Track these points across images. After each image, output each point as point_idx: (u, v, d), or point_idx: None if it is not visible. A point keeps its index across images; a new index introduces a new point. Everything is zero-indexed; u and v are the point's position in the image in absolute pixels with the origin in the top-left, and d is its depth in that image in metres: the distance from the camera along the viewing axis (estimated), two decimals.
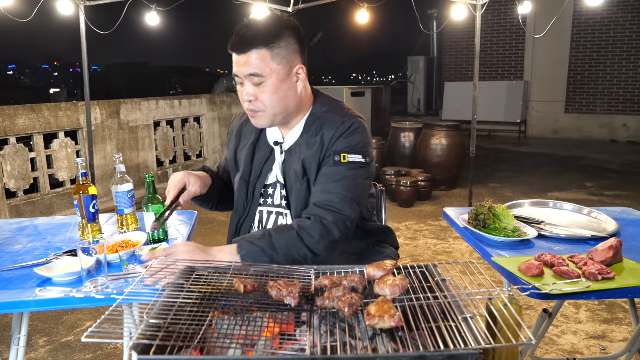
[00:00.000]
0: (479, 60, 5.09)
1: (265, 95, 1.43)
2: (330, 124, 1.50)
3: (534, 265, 1.30)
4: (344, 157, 1.45)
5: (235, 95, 7.81)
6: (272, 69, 1.41)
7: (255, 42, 1.39)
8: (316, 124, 1.53)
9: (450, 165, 5.94)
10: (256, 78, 1.41)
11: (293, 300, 1.06)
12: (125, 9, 4.83)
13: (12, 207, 4.56)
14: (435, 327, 0.96)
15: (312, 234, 1.37)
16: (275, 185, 1.58)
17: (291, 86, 1.46)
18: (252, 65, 1.40)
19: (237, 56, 1.42)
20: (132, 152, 5.96)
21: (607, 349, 2.56)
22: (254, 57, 1.39)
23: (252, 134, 1.63)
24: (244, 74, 1.42)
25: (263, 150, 1.60)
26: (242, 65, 1.41)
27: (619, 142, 9.91)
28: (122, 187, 1.72)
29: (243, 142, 1.66)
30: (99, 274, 1.25)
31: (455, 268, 1.25)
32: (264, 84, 1.42)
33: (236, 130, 1.70)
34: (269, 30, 1.41)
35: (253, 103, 1.45)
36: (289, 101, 1.48)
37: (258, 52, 1.39)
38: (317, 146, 1.49)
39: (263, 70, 1.40)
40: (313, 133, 1.52)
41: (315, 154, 1.49)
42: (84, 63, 4.75)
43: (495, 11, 10.65)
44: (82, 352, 2.61)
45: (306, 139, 1.53)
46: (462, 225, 1.74)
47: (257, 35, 1.40)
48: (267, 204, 1.59)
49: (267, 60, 1.40)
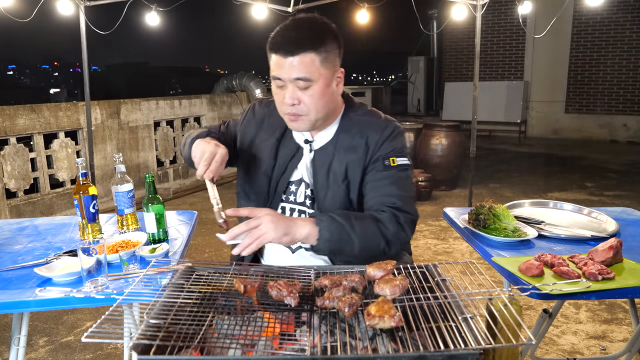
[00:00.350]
0: (479, 60, 5.09)
1: (310, 99, 1.38)
2: (374, 129, 1.49)
3: (534, 265, 1.30)
4: (393, 160, 1.47)
5: (235, 95, 7.82)
6: (320, 73, 1.36)
7: (304, 45, 1.34)
8: (355, 128, 1.50)
9: (450, 165, 5.94)
10: (303, 82, 1.35)
11: (293, 300, 1.06)
12: (125, 9, 4.83)
13: (12, 207, 4.56)
14: (435, 327, 0.96)
15: (389, 228, 1.37)
16: (299, 182, 1.55)
17: (333, 90, 1.43)
18: (300, 69, 1.34)
19: (282, 58, 1.35)
20: (132, 152, 5.96)
21: (607, 349, 2.56)
22: (302, 61, 1.34)
23: (277, 129, 1.56)
24: (290, 78, 1.36)
25: (288, 147, 1.55)
26: (288, 68, 1.35)
27: (619, 142, 9.91)
28: (122, 187, 1.72)
29: (263, 136, 1.58)
30: (99, 274, 1.25)
31: (455, 268, 1.25)
32: (310, 88, 1.37)
33: (258, 118, 1.62)
34: (316, 34, 1.37)
35: (296, 107, 1.39)
36: (331, 105, 1.45)
37: (307, 55, 1.34)
38: (362, 150, 1.48)
39: (312, 75, 1.35)
40: (353, 136, 1.49)
41: (360, 158, 1.47)
42: (84, 63, 4.75)
43: (495, 11, 10.65)
44: (82, 352, 2.61)
45: (344, 141, 1.50)
46: (462, 225, 1.74)
47: (306, 38, 1.35)
48: (289, 201, 1.56)
49: (316, 65, 1.35)
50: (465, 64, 11.48)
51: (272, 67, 1.40)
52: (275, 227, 1.24)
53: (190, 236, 1.77)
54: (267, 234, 1.23)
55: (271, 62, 1.40)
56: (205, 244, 4.14)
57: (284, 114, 1.44)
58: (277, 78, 1.38)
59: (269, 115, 1.60)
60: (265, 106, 1.63)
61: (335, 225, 1.30)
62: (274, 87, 1.43)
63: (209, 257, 3.87)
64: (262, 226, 1.24)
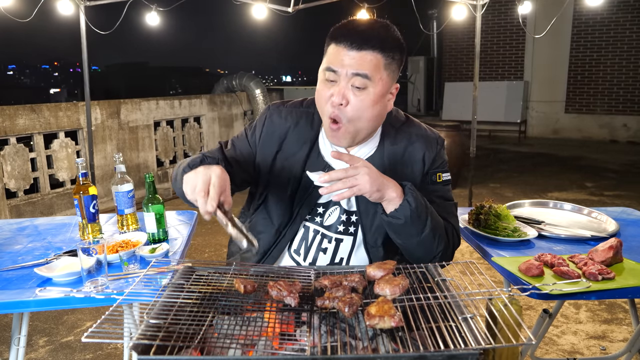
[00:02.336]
0: (479, 60, 5.09)
1: (361, 103, 1.25)
2: (427, 143, 1.43)
3: (534, 265, 1.30)
4: (439, 176, 1.44)
5: (235, 95, 7.81)
6: (381, 77, 1.26)
7: (373, 42, 1.24)
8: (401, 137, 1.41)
9: (450, 165, 5.80)
10: (361, 80, 1.24)
11: (293, 300, 1.05)
12: (125, 9, 4.83)
13: (12, 207, 4.56)
14: (435, 327, 0.96)
15: (450, 232, 1.35)
16: (328, 205, 1.43)
17: (385, 104, 1.32)
18: (362, 65, 1.23)
19: (345, 50, 1.24)
20: (132, 152, 5.96)
21: (607, 349, 2.56)
22: (366, 58, 1.23)
23: (305, 143, 1.41)
24: (348, 72, 1.24)
25: (315, 165, 1.40)
26: (349, 61, 1.23)
27: (619, 142, 9.91)
28: (122, 187, 1.72)
29: (289, 150, 1.42)
30: (99, 274, 1.25)
31: (455, 268, 1.25)
32: (364, 90, 1.25)
33: (281, 130, 1.43)
34: (387, 37, 1.27)
35: (342, 109, 1.26)
36: (379, 120, 1.34)
37: (373, 54, 1.24)
38: (418, 167, 1.41)
39: (372, 75, 1.24)
40: (404, 149, 1.40)
41: (417, 176, 1.41)
42: (84, 63, 4.75)
43: (495, 11, 10.65)
44: (82, 352, 2.61)
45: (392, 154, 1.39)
46: (462, 225, 1.74)
47: (376, 36, 1.25)
48: (314, 222, 1.44)
49: (379, 67, 1.25)
50: (465, 64, 11.48)
51: (328, 57, 1.28)
52: (372, 181, 1.18)
53: (190, 236, 1.77)
54: (362, 186, 1.17)
55: (328, 52, 1.29)
56: (205, 244, 4.14)
57: (325, 115, 1.30)
58: (331, 70, 1.26)
59: (294, 127, 1.43)
60: (287, 115, 1.45)
61: (419, 201, 1.25)
62: (321, 83, 1.30)
63: (209, 257, 3.87)
64: (359, 177, 1.17)
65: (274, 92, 9.66)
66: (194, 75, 69.52)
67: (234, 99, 7.79)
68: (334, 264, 1.44)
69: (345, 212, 1.43)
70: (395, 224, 1.26)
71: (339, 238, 1.43)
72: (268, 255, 1.46)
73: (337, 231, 1.43)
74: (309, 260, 1.45)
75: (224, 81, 8.17)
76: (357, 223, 1.43)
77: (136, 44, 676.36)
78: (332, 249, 1.43)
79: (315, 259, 1.44)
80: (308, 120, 1.44)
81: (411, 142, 1.42)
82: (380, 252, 1.42)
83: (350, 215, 1.43)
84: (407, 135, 1.43)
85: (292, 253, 1.47)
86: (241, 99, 7.91)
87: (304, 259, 1.45)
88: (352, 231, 1.43)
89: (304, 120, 1.44)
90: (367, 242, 1.42)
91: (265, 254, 1.46)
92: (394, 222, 1.26)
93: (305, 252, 1.45)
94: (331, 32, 1.30)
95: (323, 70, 1.29)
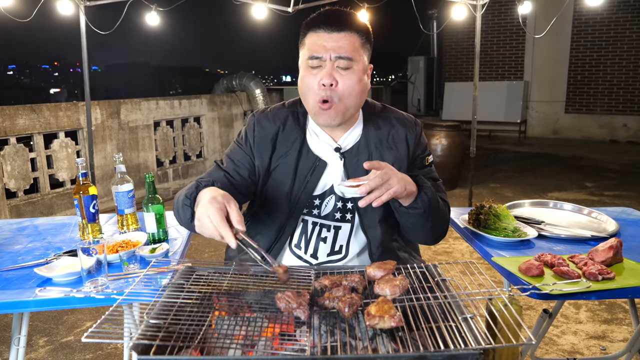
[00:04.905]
0: (479, 60, 5.09)
1: (348, 82, 1.33)
2: (407, 126, 1.51)
3: (534, 265, 1.30)
4: (427, 159, 1.53)
5: (235, 95, 7.82)
6: (360, 56, 1.35)
7: (349, 24, 1.33)
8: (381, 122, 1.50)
9: (450, 165, 5.94)
10: (344, 61, 1.32)
11: (303, 313, 1.02)
12: (125, 9, 4.83)
13: (12, 207, 4.56)
14: (435, 327, 0.96)
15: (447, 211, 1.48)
16: (323, 196, 1.47)
17: (366, 82, 1.40)
18: (344, 48, 1.32)
19: (325, 34, 1.33)
20: (132, 152, 5.96)
21: (607, 349, 2.56)
22: (347, 39, 1.32)
23: (295, 141, 1.47)
24: (334, 54, 1.32)
25: (306, 161, 1.46)
26: (333, 44, 1.32)
27: (619, 142, 9.91)
28: (122, 187, 1.72)
29: (281, 150, 1.47)
30: (99, 274, 1.25)
31: (455, 268, 1.25)
32: (349, 70, 1.33)
33: (271, 136, 1.47)
34: (358, 19, 1.37)
35: (332, 89, 1.33)
36: (362, 97, 1.41)
37: (351, 35, 1.33)
38: (403, 147, 1.48)
39: (354, 56, 1.33)
40: (388, 131, 1.49)
41: (404, 157, 1.48)
42: (84, 63, 4.75)
43: (495, 11, 10.65)
44: (82, 352, 2.61)
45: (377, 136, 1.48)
46: (462, 225, 1.74)
47: (351, 19, 1.35)
48: (312, 214, 1.48)
49: (357, 47, 1.34)
50: (465, 64, 11.48)
51: (309, 47, 1.35)
52: (400, 181, 1.25)
53: (190, 236, 1.77)
54: (395, 188, 1.23)
55: (308, 42, 1.36)
56: (206, 244, 4.14)
57: (315, 101, 1.35)
58: (315, 57, 1.33)
59: (282, 127, 1.48)
60: (274, 118, 1.49)
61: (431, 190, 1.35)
62: (305, 71, 1.36)
63: (209, 257, 3.87)
64: (391, 181, 1.23)
65: (274, 92, 9.65)
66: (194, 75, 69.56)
67: (234, 99, 7.79)
68: (334, 251, 1.48)
69: (341, 199, 1.47)
70: (415, 214, 1.34)
71: (337, 226, 1.48)
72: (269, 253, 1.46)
73: (334, 219, 1.48)
74: (310, 252, 1.48)
75: (224, 81, 8.16)
76: (352, 209, 1.48)
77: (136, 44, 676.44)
78: (331, 237, 1.48)
79: (316, 250, 1.48)
80: (294, 119, 1.50)
81: (393, 126, 1.50)
82: (378, 231, 1.47)
83: (345, 202, 1.47)
84: (388, 119, 1.51)
85: (293, 248, 1.50)
86: (241, 99, 7.91)
87: (305, 252, 1.49)
88: (349, 217, 1.48)
89: (290, 120, 1.50)
90: (364, 224, 1.47)
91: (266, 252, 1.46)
92: (413, 212, 1.34)
93: (306, 245, 1.49)
94: (306, 23, 1.38)
95: (306, 60, 1.36)
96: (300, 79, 1.39)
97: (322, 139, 1.47)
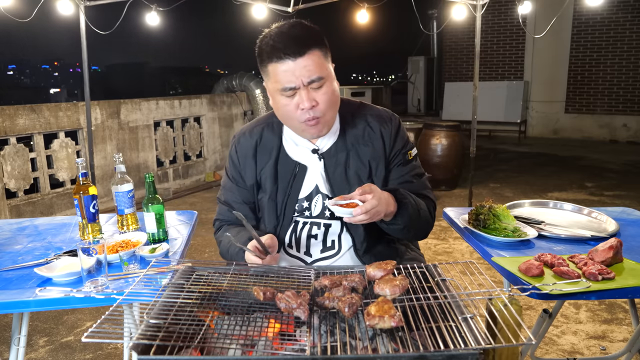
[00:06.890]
0: (479, 60, 5.09)
1: (325, 97, 1.33)
2: (382, 121, 1.51)
3: (534, 265, 1.29)
4: (410, 154, 1.53)
5: (235, 95, 7.81)
6: (327, 69, 1.34)
7: (309, 42, 1.29)
8: (357, 120, 1.50)
9: (450, 165, 5.94)
10: (317, 82, 1.31)
11: (303, 313, 1.02)
12: (125, 9, 4.83)
13: (12, 207, 4.56)
14: (435, 327, 0.96)
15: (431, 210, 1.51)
16: (311, 196, 1.50)
17: (337, 87, 1.41)
18: (313, 70, 1.29)
19: (291, 62, 1.28)
20: (132, 152, 5.96)
21: (607, 349, 2.56)
22: (312, 60, 1.29)
23: (272, 151, 1.51)
24: (306, 80, 1.30)
25: (286, 167, 1.50)
26: (301, 71, 1.28)
27: (619, 142, 9.91)
28: (122, 187, 1.72)
29: (261, 161, 1.52)
30: (99, 274, 1.25)
31: (455, 268, 1.25)
32: (323, 87, 1.33)
33: (251, 152, 1.53)
34: (311, 31, 1.33)
35: (314, 109, 1.33)
36: (339, 101, 1.43)
37: (314, 53, 1.30)
38: (379, 144, 1.48)
39: (323, 72, 1.31)
40: (363, 128, 1.49)
41: (380, 154, 1.49)
42: (84, 63, 4.75)
43: (495, 11, 10.65)
44: (82, 352, 2.61)
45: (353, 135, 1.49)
46: (462, 225, 1.74)
47: (307, 36, 1.31)
48: (304, 216, 1.51)
49: (322, 62, 1.32)
50: (465, 64, 11.48)
51: (278, 78, 1.31)
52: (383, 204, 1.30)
53: (190, 236, 1.77)
54: (381, 212, 1.29)
55: (273, 72, 1.32)
56: (205, 244, 4.14)
57: (300, 122, 1.36)
58: (289, 88, 1.31)
59: (259, 140, 1.53)
60: (250, 134, 1.55)
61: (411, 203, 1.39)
62: (281, 100, 1.35)
63: (209, 257, 3.87)
64: (379, 207, 1.27)
65: None
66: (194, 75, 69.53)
67: (234, 99, 7.79)
68: (326, 247, 1.51)
69: (328, 198, 1.49)
70: (396, 228, 1.40)
71: (327, 223, 1.51)
72: None
73: (325, 217, 1.51)
74: (303, 250, 1.51)
75: (224, 81, 8.16)
76: None
77: (136, 44, 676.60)
78: (321, 234, 1.51)
79: (308, 247, 1.51)
80: (269, 129, 1.54)
81: (368, 122, 1.51)
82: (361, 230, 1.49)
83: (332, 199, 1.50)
84: (364, 117, 1.53)
85: (286, 248, 1.53)
86: (241, 99, 7.90)
87: (297, 250, 1.52)
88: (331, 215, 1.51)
89: (266, 131, 1.53)
90: (347, 224, 1.50)
91: None
92: (394, 227, 1.39)
93: (297, 243, 1.52)
94: (262, 53, 1.34)
95: (278, 91, 1.34)
96: (277, 106, 1.39)
97: (300, 143, 1.50)
